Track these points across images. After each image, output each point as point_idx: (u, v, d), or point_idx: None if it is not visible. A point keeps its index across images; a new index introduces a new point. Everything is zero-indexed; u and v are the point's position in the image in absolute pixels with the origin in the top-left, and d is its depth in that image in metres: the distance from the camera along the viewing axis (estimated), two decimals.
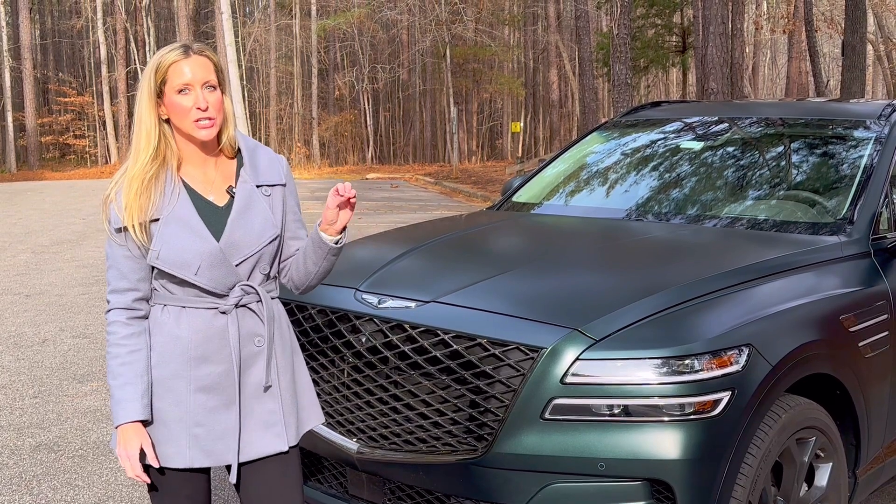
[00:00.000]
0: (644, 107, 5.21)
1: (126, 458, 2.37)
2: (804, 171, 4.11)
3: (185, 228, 2.36)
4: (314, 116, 40.47)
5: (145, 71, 2.40)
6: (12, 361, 6.64)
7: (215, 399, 2.40)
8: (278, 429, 2.47)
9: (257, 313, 2.44)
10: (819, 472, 3.05)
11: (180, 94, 2.34)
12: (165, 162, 2.39)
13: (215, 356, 2.39)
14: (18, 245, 13.18)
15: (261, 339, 2.44)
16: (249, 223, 2.41)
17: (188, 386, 2.38)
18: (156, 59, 2.38)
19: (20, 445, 4.92)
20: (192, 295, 2.39)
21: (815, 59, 20.47)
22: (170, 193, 2.37)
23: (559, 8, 39.03)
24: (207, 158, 2.44)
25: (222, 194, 2.44)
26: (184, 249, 2.34)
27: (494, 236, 4.08)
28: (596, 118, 23.86)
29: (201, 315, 2.39)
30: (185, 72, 2.34)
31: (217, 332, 2.39)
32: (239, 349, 2.40)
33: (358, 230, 13.13)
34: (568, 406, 2.61)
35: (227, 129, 2.44)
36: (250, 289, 2.42)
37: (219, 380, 2.40)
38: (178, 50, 2.37)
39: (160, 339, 2.40)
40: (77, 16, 44.77)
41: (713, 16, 14.26)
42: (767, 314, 2.86)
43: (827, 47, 45.95)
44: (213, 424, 2.40)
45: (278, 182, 2.50)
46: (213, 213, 2.40)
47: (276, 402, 2.47)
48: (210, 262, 2.35)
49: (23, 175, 33.76)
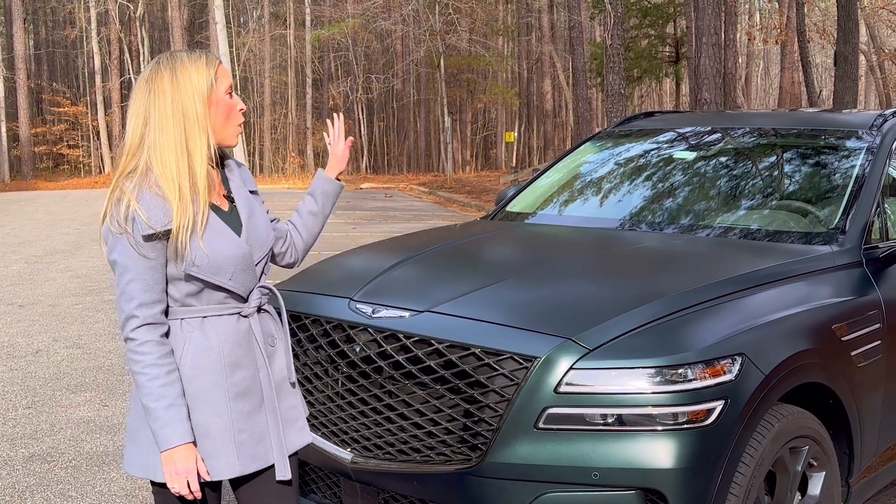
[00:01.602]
0: (637, 117, 5.23)
1: (184, 476, 2.28)
2: (797, 181, 4.13)
3: (215, 233, 2.34)
4: (308, 126, 40.52)
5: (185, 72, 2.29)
6: (5, 372, 6.63)
7: (250, 403, 2.41)
8: (301, 422, 2.53)
9: (270, 313, 2.50)
10: (812, 481, 3.06)
11: (228, 96, 2.37)
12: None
13: (244, 360, 2.40)
14: (11, 255, 13.16)
15: (273, 338, 2.48)
16: (258, 225, 2.46)
17: (227, 394, 2.36)
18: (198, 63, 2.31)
19: (13, 456, 4.91)
20: (215, 303, 2.37)
21: (808, 69, 20.55)
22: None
23: (553, 18, 39.16)
24: (212, 167, 2.45)
25: (222, 200, 2.44)
26: (219, 254, 2.32)
27: (488, 246, 4.08)
28: (589, 128, 23.92)
29: (225, 322, 2.38)
30: (229, 75, 2.38)
31: (244, 336, 2.40)
32: (264, 350, 2.44)
33: (352, 240, 13.12)
34: (562, 415, 2.61)
35: None
36: (266, 290, 2.48)
37: (250, 383, 2.41)
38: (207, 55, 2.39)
39: (189, 353, 2.34)
40: (71, 26, 44.78)
41: (706, 26, 14.33)
42: (760, 323, 2.87)
43: (819, 58, 46.14)
44: (253, 428, 2.41)
45: (256, 189, 2.55)
46: (225, 218, 2.41)
47: (296, 398, 2.53)
48: (242, 265, 2.37)
49: (16, 185, 33.72)
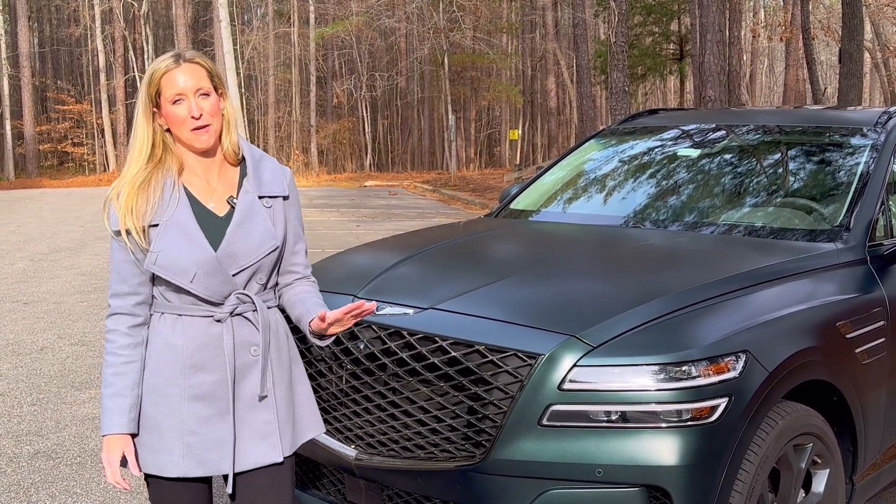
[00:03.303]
0: (641, 114, 5.22)
1: (108, 465, 2.39)
2: (801, 179, 4.12)
3: (183, 235, 2.35)
4: (312, 124, 40.53)
5: (142, 81, 2.41)
6: (10, 369, 6.64)
7: (209, 408, 2.38)
8: (273, 439, 2.44)
9: (253, 322, 2.42)
10: (816, 479, 3.05)
11: (175, 105, 2.34)
12: (162, 165, 2.39)
13: (209, 364, 2.38)
14: (17, 253, 13.18)
15: (256, 348, 2.42)
16: (249, 234, 2.40)
17: (182, 394, 2.37)
18: (149, 70, 2.39)
19: (18, 453, 4.92)
20: (188, 303, 2.38)
21: (812, 66, 20.53)
22: (169, 199, 2.37)
23: (557, 16, 39.13)
24: (210, 166, 2.44)
25: (223, 204, 2.43)
26: (180, 256, 2.33)
27: (492, 243, 4.08)
28: (594, 126, 23.88)
29: (196, 323, 2.38)
30: (177, 81, 2.35)
31: (212, 340, 2.38)
32: (234, 358, 2.39)
33: (356, 237, 13.13)
34: (565, 412, 2.61)
35: (229, 133, 2.44)
36: (246, 297, 2.41)
37: (213, 389, 2.38)
38: (168, 59, 2.38)
39: (156, 347, 2.40)
40: (76, 24, 44.82)
41: (710, 24, 14.30)
42: (764, 321, 2.87)
43: (824, 55, 46.06)
44: (207, 433, 2.38)
45: (280, 194, 2.48)
46: (212, 222, 2.39)
47: (271, 413, 2.45)
48: (206, 269, 2.34)
49: (21, 183, 33.77)
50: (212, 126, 2.37)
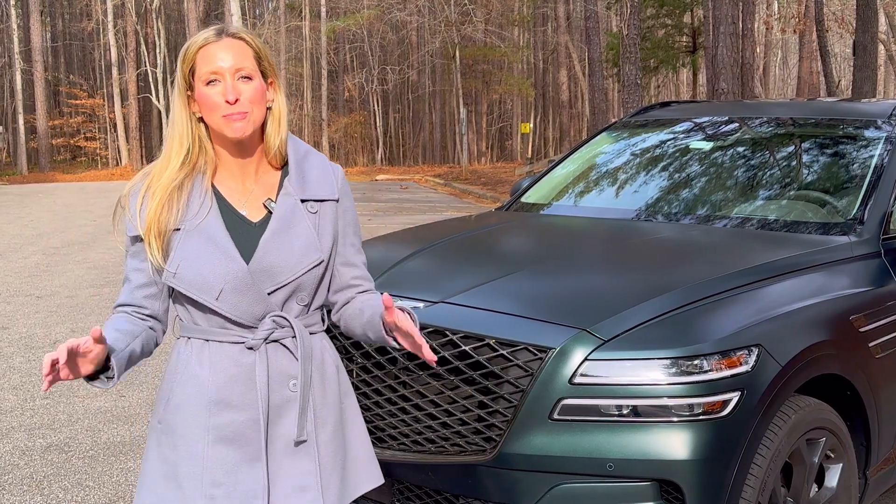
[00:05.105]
0: (654, 107, 5.20)
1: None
2: (814, 171, 4.09)
3: (210, 244, 2.00)
4: (324, 118, 40.55)
5: (178, 59, 2.07)
6: (23, 363, 6.67)
7: (237, 453, 2.02)
8: (313, 494, 2.06)
9: (291, 350, 2.06)
10: (829, 473, 3.04)
11: (209, 86, 1.99)
12: (196, 169, 2.06)
13: (239, 401, 2.02)
14: (30, 247, 13.24)
15: (295, 382, 2.05)
16: (288, 244, 2.04)
17: (206, 436, 2.01)
18: (186, 44, 2.05)
19: (31, 446, 4.94)
20: (217, 325, 2.03)
21: (826, 58, 20.41)
22: (197, 204, 2.03)
23: (569, 9, 39.00)
24: (247, 166, 2.08)
25: (258, 208, 2.08)
26: (205, 268, 1.99)
27: (503, 237, 4.07)
28: (605, 119, 23.83)
29: (225, 351, 2.03)
30: (214, 58, 1.99)
31: (243, 371, 2.03)
32: (268, 393, 2.02)
33: (368, 231, 13.14)
34: (576, 406, 2.61)
35: (278, 132, 2.10)
36: (284, 321, 2.05)
37: (242, 430, 2.02)
38: (209, 32, 2.04)
39: (180, 377, 2.06)
40: (88, 18, 44.94)
41: (723, 16, 14.22)
42: (777, 314, 2.85)
43: (838, 47, 45.80)
44: (235, 484, 2.02)
45: (329, 197, 2.11)
46: (245, 230, 2.05)
47: (311, 461, 2.07)
48: (235, 286, 1.99)
49: (34, 177, 33.91)
50: (250, 115, 2.01)
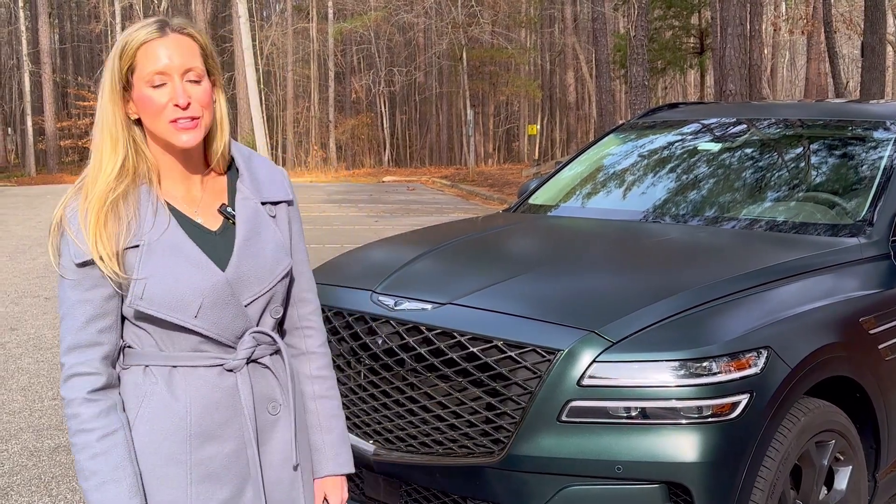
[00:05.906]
0: (661, 108, 5.20)
1: None
2: (823, 173, 4.08)
3: (178, 257, 1.77)
4: (331, 119, 40.59)
5: (109, 55, 1.80)
6: (32, 364, 6.69)
7: (224, 490, 1.81)
8: None
9: (272, 370, 1.88)
10: (838, 476, 3.03)
11: (155, 89, 1.75)
12: (138, 176, 1.81)
13: (221, 431, 1.81)
14: (38, 248, 13.27)
15: (275, 404, 1.88)
16: (261, 251, 1.86)
17: (188, 475, 1.79)
18: (122, 38, 1.77)
19: (39, 447, 4.95)
20: (187, 349, 1.80)
21: (834, 60, 20.35)
22: (148, 215, 1.79)
23: (576, 10, 38.96)
24: (192, 172, 1.87)
25: (214, 216, 1.87)
26: (178, 285, 1.75)
27: (511, 238, 4.07)
28: (613, 120, 23.81)
29: (201, 376, 1.80)
30: (160, 56, 1.74)
31: (224, 397, 1.81)
32: (255, 417, 1.84)
33: (374, 233, 13.13)
34: (585, 408, 2.60)
35: (221, 136, 1.87)
36: (264, 337, 1.86)
37: (227, 463, 1.82)
38: (150, 27, 1.77)
39: (146, 413, 1.79)
40: (96, 20, 45.08)
41: (731, 17, 14.20)
42: (786, 316, 2.84)
43: (846, 48, 45.66)
44: None
45: (283, 199, 1.95)
46: (207, 240, 1.83)
47: (296, 489, 1.92)
48: (214, 300, 1.78)
49: (42, 179, 34.00)
50: (202, 120, 1.79)
